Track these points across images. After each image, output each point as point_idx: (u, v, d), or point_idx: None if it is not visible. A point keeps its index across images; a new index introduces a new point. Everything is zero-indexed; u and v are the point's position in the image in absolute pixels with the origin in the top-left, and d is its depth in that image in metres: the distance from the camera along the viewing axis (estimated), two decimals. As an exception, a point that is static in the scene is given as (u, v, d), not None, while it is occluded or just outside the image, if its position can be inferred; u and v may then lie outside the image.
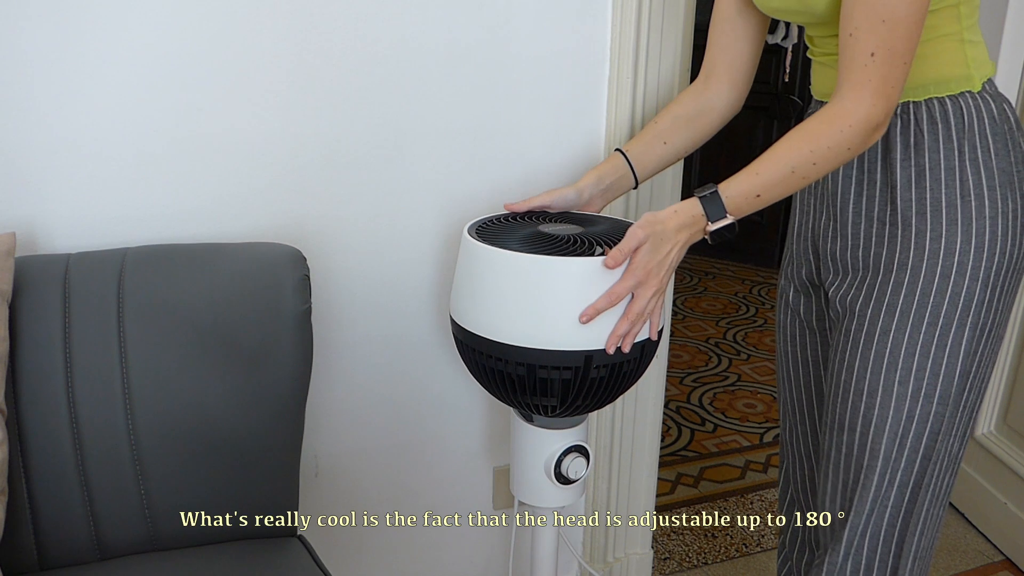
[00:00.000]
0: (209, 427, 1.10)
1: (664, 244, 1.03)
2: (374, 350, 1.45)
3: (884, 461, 1.08)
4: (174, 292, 1.11)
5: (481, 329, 1.09)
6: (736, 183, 1.03)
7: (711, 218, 1.03)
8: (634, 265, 1.03)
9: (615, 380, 1.10)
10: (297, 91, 1.27)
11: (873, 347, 1.07)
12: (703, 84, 1.26)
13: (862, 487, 1.10)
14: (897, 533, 1.11)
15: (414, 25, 1.30)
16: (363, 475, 1.51)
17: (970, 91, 1.02)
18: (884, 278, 1.07)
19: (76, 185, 1.19)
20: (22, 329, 1.05)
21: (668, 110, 1.27)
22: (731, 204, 1.03)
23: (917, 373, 1.05)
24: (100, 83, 1.16)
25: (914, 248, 1.04)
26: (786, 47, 3.90)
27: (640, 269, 1.03)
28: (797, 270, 1.27)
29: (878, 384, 1.07)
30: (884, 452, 1.08)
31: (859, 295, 1.10)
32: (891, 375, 1.06)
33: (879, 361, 1.07)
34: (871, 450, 1.09)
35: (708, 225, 1.04)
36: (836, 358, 1.13)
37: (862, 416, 1.09)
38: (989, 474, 2.07)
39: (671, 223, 1.03)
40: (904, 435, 1.07)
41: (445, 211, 1.42)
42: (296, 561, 1.12)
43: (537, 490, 1.24)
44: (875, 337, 1.07)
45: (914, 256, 1.04)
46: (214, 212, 1.28)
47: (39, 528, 1.06)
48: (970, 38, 1.02)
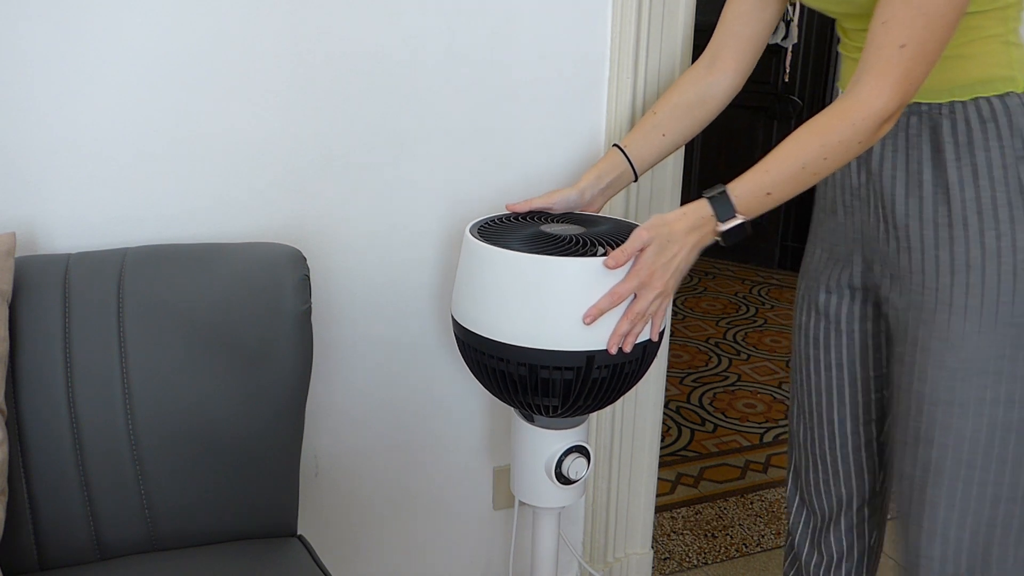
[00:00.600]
0: (209, 427, 1.10)
1: (671, 246, 1.02)
2: (374, 350, 1.45)
3: (969, 470, 1.03)
4: (174, 292, 1.11)
5: (483, 329, 1.09)
6: (745, 181, 1.01)
7: (720, 218, 1.02)
8: (639, 266, 1.02)
9: (617, 380, 1.09)
10: (297, 91, 1.26)
11: (949, 353, 1.02)
12: (706, 69, 1.24)
13: (946, 500, 1.05)
14: (985, 546, 1.05)
15: (414, 25, 1.30)
16: (363, 475, 1.51)
17: (1015, 91, 1.00)
18: (950, 279, 1.02)
19: (76, 185, 1.19)
20: (22, 329, 1.05)
21: (666, 98, 1.26)
22: (741, 203, 1.01)
23: (996, 376, 1.01)
24: (100, 83, 1.16)
25: (977, 248, 1.00)
26: (786, 47, 3.90)
27: (644, 270, 1.02)
28: (837, 272, 1.19)
29: (957, 391, 1.02)
30: (967, 462, 1.03)
31: (925, 300, 1.05)
32: (972, 381, 1.01)
33: (956, 368, 1.02)
34: (952, 462, 1.04)
35: (718, 226, 1.02)
36: (904, 369, 1.08)
37: (939, 426, 1.04)
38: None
39: (679, 225, 1.02)
40: (989, 444, 1.02)
41: (445, 211, 1.42)
42: (296, 561, 1.12)
43: (537, 490, 1.24)
44: (949, 342, 1.02)
45: (978, 256, 1.00)
46: (214, 212, 1.27)
47: (39, 528, 1.06)
48: (1015, 40, 1.00)
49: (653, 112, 1.26)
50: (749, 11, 1.20)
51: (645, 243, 1.01)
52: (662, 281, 1.03)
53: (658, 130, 1.25)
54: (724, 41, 1.22)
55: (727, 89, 1.24)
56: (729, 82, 1.23)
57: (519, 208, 1.22)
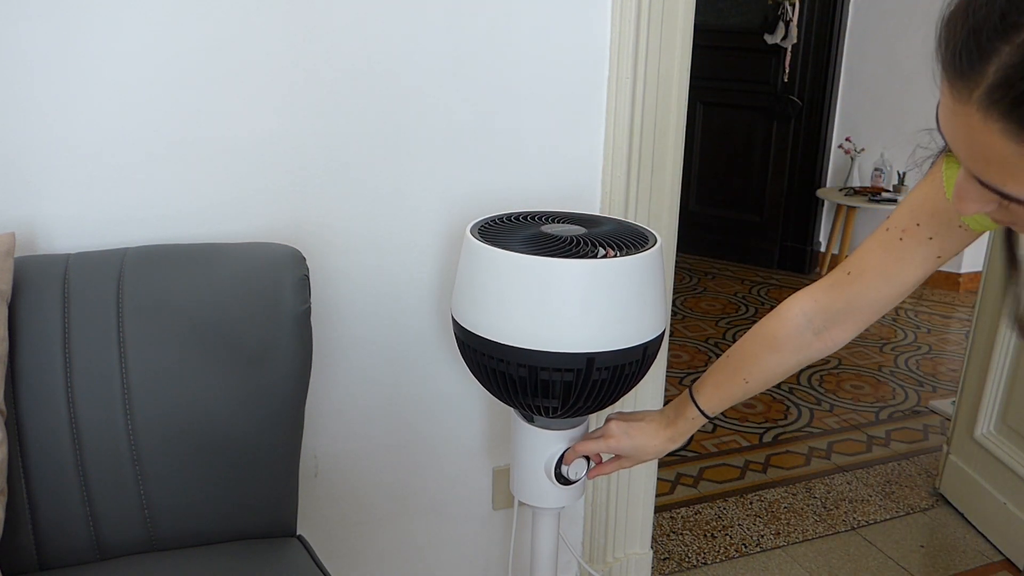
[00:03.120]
0: (209, 427, 1.10)
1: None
2: (374, 350, 1.45)
3: None
4: (174, 292, 1.11)
5: (483, 330, 1.09)
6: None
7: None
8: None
9: (617, 382, 1.09)
10: (297, 91, 1.26)
11: None
12: (815, 336, 1.00)
13: None
14: None
15: (414, 25, 1.30)
16: (363, 475, 1.51)
17: None
18: None
19: (76, 185, 1.19)
20: (22, 329, 1.05)
21: (753, 356, 1.05)
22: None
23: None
24: (100, 84, 1.16)
25: None
26: (786, 47, 3.90)
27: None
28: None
29: None
30: None
31: None
32: None
33: None
34: None
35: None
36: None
37: None
38: (988, 474, 2.07)
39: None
40: None
41: (444, 211, 1.42)
42: (296, 561, 1.12)
43: (537, 490, 1.24)
44: None
45: None
46: (214, 212, 1.27)
47: (39, 528, 1.06)
48: None
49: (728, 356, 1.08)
50: (895, 263, 0.91)
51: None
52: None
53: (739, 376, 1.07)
54: (852, 301, 0.95)
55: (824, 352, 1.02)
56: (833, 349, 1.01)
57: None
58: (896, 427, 2.68)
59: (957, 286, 3.97)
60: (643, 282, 1.07)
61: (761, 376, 1.04)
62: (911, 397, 2.89)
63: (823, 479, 2.36)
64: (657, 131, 1.50)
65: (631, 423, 1.14)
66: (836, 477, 2.37)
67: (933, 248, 0.87)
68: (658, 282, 1.10)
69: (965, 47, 0.51)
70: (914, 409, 2.81)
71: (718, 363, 1.08)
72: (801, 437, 2.60)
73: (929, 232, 0.87)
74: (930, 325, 3.56)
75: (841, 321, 0.97)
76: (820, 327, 0.99)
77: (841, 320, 0.97)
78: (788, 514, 2.18)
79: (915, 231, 0.87)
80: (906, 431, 2.65)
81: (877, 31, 3.92)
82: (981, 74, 0.50)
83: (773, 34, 3.89)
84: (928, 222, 0.86)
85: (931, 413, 2.79)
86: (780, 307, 1.02)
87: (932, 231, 0.87)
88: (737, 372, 1.05)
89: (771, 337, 1.01)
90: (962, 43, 0.51)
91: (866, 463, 2.45)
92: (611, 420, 1.16)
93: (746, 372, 1.04)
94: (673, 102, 1.50)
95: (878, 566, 1.97)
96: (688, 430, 1.10)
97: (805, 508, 2.21)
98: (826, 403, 2.83)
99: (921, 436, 2.62)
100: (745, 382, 1.05)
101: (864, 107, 4.02)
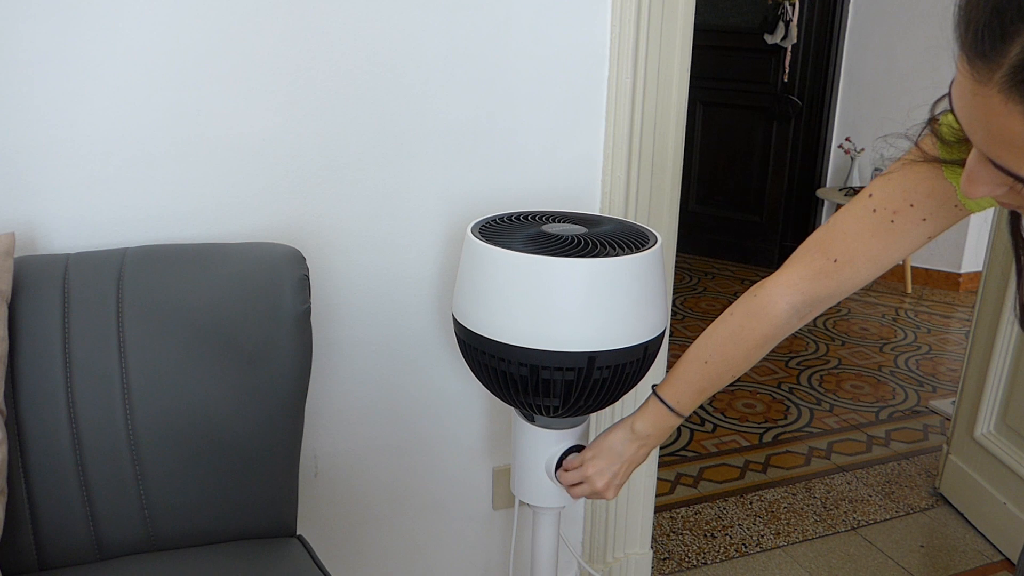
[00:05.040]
0: (208, 427, 1.10)
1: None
2: (374, 350, 1.45)
3: None
4: (174, 292, 1.11)
5: (484, 329, 1.09)
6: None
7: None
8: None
9: (617, 381, 1.09)
10: (297, 91, 1.26)
11: None
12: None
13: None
14: None
15: (414, 25, 1.30)
16: (363, 475, 1.51)
17: None
18: None
19: (76, 185, 1.19)
20: (22, 329, 1.05)
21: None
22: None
23: None
24: (100, 83, 1.16)
25: None
26: (785, 47, 3.90)
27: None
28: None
29: None
30: None
31: None
32: None
33: None
34: None
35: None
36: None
37: None
38: (988, 474, 2.07)
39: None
40: None
41: (444, 211, 1.42)
42: (296, 561, 1.12)
43: (537, 490, 1.24)
44: None
45: None
46: (214, 212, 1.27)
47: (39, 528, 1.05)
48: None
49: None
50: (886, 247, 0.90)
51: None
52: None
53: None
54: (840, 287, 0.96)
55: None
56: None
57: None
58: (896, 427, 2.68)
59: (957, 286, 3.97)
60: (644, 282, 1.07)
61: (745, 369, 1.04)
62: (911, 397, 2.89)
63: (823, 479, 2.36)
64: (657, 131, 1.50)
65: (596, 445, 1.16)
66: (836, 477, 2.37)
67: (926, 229, 0.86)
68: (658, 282, 1.10)
69: (988, 28, 0.49)
70: (914, 409, 2.81)
71: (694, 368, 1.05)
72: (801, 437, 2.60)
73: (923, 213, 0.85)
74: (930, 325, 3.56)
75: (824, 304, 0.97)
76: (805, 313, 0.99)
77: (824, 303, 0.97)
78: (788, 514, 2.18)
79: (908, 212, 0.85)
80: (906, 431, 2.66)
81: (877, 31, 3.92)
82: (1003, 55, 0.49)
83: (773, 34, 3.89)
84: (924, 202, 0.84)
85: (931, 413, 2.79)
86: (761, 303, 0.99)
87: (927, 212, 0.85)
88: (722, 377, 1.04)
89: (761, 337, 1.00)
90: (984, 24, 0.50)
91: (866, 463, 2.45)
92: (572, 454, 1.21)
93: (734, 372, 1.04)
94: (673, 102, 1.50)
95: (878, 566, 1.97)
96: (659, 425, 1.10)
97: (805, 508, 2.21)
98: (826, 403, 2.83)
99: (921, 436, 2.62)
100: (733, 377, 1.06)
101: (864, 107, 4.02)
